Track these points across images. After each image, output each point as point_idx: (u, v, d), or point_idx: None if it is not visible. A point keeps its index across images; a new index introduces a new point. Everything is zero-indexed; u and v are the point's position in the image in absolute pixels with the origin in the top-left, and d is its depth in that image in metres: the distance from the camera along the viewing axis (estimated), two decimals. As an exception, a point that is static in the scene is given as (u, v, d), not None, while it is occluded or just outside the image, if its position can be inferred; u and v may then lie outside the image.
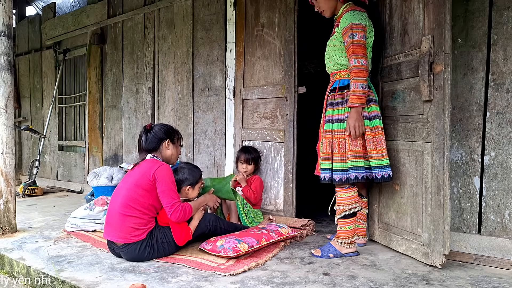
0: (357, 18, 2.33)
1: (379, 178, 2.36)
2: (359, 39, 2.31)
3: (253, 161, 3.27)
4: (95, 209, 3.06)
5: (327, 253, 2.43)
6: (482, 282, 2.03)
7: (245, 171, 3.25)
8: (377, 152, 2.36)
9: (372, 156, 2.35)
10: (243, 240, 2.35)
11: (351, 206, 2.40)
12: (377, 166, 2.35)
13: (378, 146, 2.37)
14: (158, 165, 2.36)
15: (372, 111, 2.40)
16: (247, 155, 3.26)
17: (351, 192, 2.41)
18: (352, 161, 2.34)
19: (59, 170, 5.82)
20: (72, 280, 2.04)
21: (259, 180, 3.27)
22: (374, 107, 2.41)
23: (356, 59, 2.30)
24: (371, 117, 2.38)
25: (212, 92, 3.90)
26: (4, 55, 2.95)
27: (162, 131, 2.52)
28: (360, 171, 2.33)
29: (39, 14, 6.26)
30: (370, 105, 2.40)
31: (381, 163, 2.36)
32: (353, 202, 2.41)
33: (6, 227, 2.94)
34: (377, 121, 2.39)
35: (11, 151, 2.98)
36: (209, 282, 2.01)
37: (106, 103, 5.09)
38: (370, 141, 2.36)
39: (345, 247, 2.43)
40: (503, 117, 2.29)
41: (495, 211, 2.32)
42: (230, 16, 3.68)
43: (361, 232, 2.65)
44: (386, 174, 2.37)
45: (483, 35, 2.34)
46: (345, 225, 2.42)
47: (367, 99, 2.37)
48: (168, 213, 2.30)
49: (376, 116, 2.40)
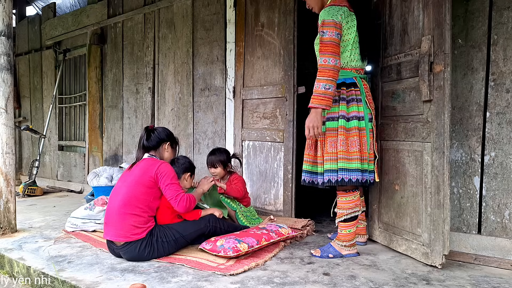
0: (330, 15, 2.23)
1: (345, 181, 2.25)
2: (329, 36, 2.20)
3: (219, 163, 3.08)
4: (95, 209, 3.06)
5: (327, 253, 2.42)
6: (482, 282, 2.03)
7: (215, 175, 3.10)
8: (348, 154, 2.28)
9: (341, 158, 2.27)
10: (243, 240, 2.35)
11: (351, 211, 2.37)
12: (344, 169, 2.26)
13: (350, 149, 2.28)
14: (159, 163, 2.42)
15: (351, 112, 2.30)
16: (211, 158, 3.11)
17: (351, 196, 2.37)
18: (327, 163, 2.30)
19: (59, 170, 5.82)
20: (72, 280, 2.04)
21: (237, 177, 3.15)
22: (355, 107, 2.30)
23: (323, 58, 2.20)
24: (349, 117, 2.30)
25: (212, 92, 3.90)
26: (4, 55, 2.95)
27: (165, 133, 2.62)
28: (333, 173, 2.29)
29: (39, 14, 6.26)
30: (351, 105, 2.31)
31: (350, 166, 2.27)
32: (353, 206, 2.37)
33: (6, 227, 2.94)
34: (355, 122, 2.29)
35: (11, 151, 2.98)
36: (209, 282, 2.01)
37: (106, 103, 5.09)
38: (342, 142, 2.27)
39: (346, 249, 2.41)
40: (503, 117, 2.29)
41: (495, 211, 2.32)
42: (230, 16, 3.68)
43: (361, 231, 2.65)
44: (354, 178, 2.26)
45: (483, 35, 2.34)
46: (345, 228, 2.39)
47: (348, 99, 2.31)
48: (174, 203, 2.35)
49: (354, 117, 2.29)
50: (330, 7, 2.28)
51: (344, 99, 2.32)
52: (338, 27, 2.22)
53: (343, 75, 2.35)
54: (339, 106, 2.32)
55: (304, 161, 2.44)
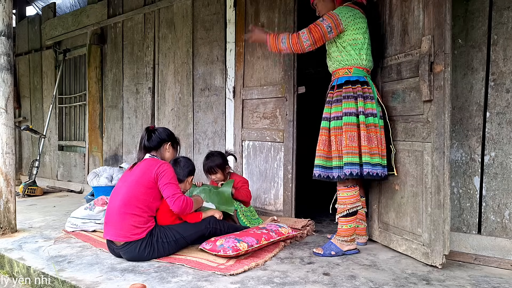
0: (340, 12, 2.38)
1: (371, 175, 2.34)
2: (321, 23, 2.37)
3: (217, 168, 3.04)
4: (95, 209, 3.06)
5: (329, 251, 2.43)
6: (482, 282, 2.03)
7: (217, 180, 3.10)
8: (370, 149, 2.35)
9: (364, 153, 2.34)
10: (243, 240, 2.35)
11: (352, 205, 2.42)
12: (368, 163, 2.34)
13: (371, 144, 2.36)
14: (160, 163, 2.42)
15: (368, 108, 2.39)
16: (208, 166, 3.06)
17: (352, 191, 2.42)
18: (348, 157, 2.34)
19: (59, 170, 5.82)
20: (72, 280, 2.04)
21: (240, 179, 3.15)
22: (370, 104, 2.39)
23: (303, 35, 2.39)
24: (367, 113, 2.38)
25: (212, 92, 3.90)
26: (4, 55, 2.95)
27: (166, 133, 2.61)
28: (355, 167, 2.33)
29: (39, 14, 6.26)
30: (366, 102, 2.39)
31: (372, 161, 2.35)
32: (355, 201, 2.43)
33: (6, 227, 2.94)
34: (371, 118, 2.38)
35: (11, 151, 2.98)
36: (209, 282, 2.01)
37: (106, 103, 5.09)
38: (365, 137, 2.34)
39: (346, 244, 2.44)
40: (503, 117, 2.29)
41: (495, 211, 2.32)
42: (230, 16, 3.68)
43: (361, 232, 2.66)
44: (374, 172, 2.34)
45: (483, 35, 2.34)
46: (346, 223, 2.43)
47: (364, 95, 2.38)
48: (170, 202, 2.34)
49: (371, 114, 2.38)
50: (344, 6, 2.43)
51: (361, 96, 2.39)
52: (336, 23, 2.37)
53: (357, 73, 2.44)
54: (358, 102, 2.38)
55: (317, 156, 2.47)
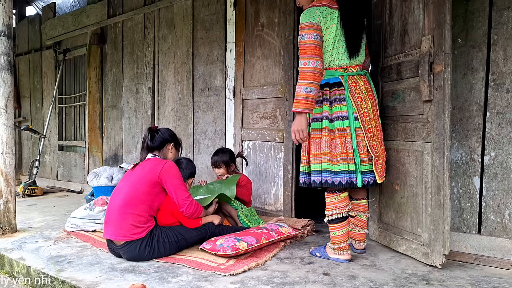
0: (307, 17, 2.20)
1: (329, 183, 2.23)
2: (307, 39, 2.17)
3: (221, 163, 3.12)
4: (95, 209, 3.06)
5: (315, 251, 2.45)
6: (482, 282, 2.03)
7: (219, 175, 3.16)
8: (332, 156, 2.24)
9: (325, 159, 2.24)
10: (243, 239, 2.35)
11: (331, 212, 2.30)
12: (328, 170, 2.23)
13: (334, 150, 2.24)
14: (164, 163, 2.42)
15: (334, 112, 2.26)
16: (214, 159, 3.15)
17: (332, 198, 2.30)
18: (314, 164, 2.28)
19: (59, 170, 5.82)
20: (72, 280, 2.04)
21: (244, 178, 3.18)
22: (338, 107, 2.25)
23: (303, 61, 2.18)
24: (332, 118, 2.26)
25: (212, 92, 3.90)
26: (4, 55, 2.95)
27: (168, 133, 2.63)
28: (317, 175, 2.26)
29: (39, 14, 6.26)
30: (334, 105, 2.26)
31: (334, 168, 2.23)
32: (334, 208, 2.29)
33: (6, 227, 2.94)
34: (339, 122, 2.24)
35: (11, 151, 2.98)
36: (209, 282, 2.01)
37: (106, 103, 5.09)
38: (326, 143, 2.24)
39: (333, 252, 2.35)
40: (503, 117, 2.29)
41: (495, 211, 2.32)
42: (230, 16, 3.68)
43: (358, 237, 2.48)
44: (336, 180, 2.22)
45: (483, 35, 2.34)
46: (332, 230, 2.34)
47: (331, 99, 2.27)
48: (183, 205, 2.37)
49: (337, 118, 2.25)
50: (308, 9, 2.25)
51: (327, 100, 2.29)
52: (316, 28, 2.19)
53: (327, 75, 2.31)
54: (322, 107, 2.29)
55: (301, 163, 2.42)
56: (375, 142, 2.31)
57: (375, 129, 2.32)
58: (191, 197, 2.43)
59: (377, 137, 2.33)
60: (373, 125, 2.31)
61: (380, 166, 2.34)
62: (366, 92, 2.31)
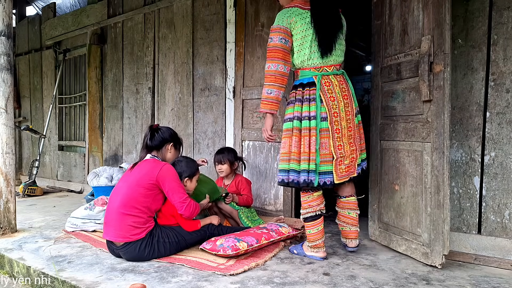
0: (277, 20, 2.27)
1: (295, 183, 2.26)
2: (273, 42, 2.25)
3: (226, 160, 3.14)
4: (95, 209, 3.06)
5: (293, 249, 2.49)
6: (482, 282, 2.03)
7: (221, 172, 3.16)
8: (298, 155, 2.26)
9: (292, 159, 2.27)
10: (243, 239, 2.35)
11: (305, 211, 2.34)
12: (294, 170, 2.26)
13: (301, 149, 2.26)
14: (161, 165, 2.40)
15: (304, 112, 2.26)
16: (219, 155, 3.16)
17: (306, 197, 2.34)
18: (281, 163, 2.31)
19: (59, 170, 5.82)
20: (72, 280, 2.04)
21: (244, 180, 3.18)
22: (307, 107, 2.25)
23: (267, 64, 2.27)
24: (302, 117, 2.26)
25: (212, 92, 3.90)
26: (4, 55, 2.95)
27: (168, 133, 2.59)
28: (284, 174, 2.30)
29: (39, 14, 6.26)
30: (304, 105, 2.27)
31: (298, 168, 2.25)
32: (307, 207, 2.32)
33: (6, 227, 2.95)
34: (306, 122, 2.24)
35: (11, 151, 2.98)
36: (209, 282, 2.01)
37: (106, 103, 5.09)
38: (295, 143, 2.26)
39: (309, 250, 2.39)
40: (503, 117, 2.29)
41: (495, 211, 2.32)
42: (230, 16, 3.68)
43: (350, 235, 2.45)
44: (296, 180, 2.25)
45: (483, 35, 2.34)
46: (308, 228, 2.36)
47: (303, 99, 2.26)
48: (181, 207, 2.37)
49: (305, 118, 2.25)
50: (281, 11, 2.30)
51: (299, 100, 2.29)
52: (282, 31, 2.24)
53: (302, 75, 2.33)
54: (294, 107, 2.30)
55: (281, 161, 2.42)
56: (342, 142, 2.27)
57: (346, 130, 2.27)
58: (189, 198, 2.42)
59: (347, 137, 2.28)
60: (343, 125, 2.27)
61: (344, 167, 2.28)
62: (340, 92, 2.28)
